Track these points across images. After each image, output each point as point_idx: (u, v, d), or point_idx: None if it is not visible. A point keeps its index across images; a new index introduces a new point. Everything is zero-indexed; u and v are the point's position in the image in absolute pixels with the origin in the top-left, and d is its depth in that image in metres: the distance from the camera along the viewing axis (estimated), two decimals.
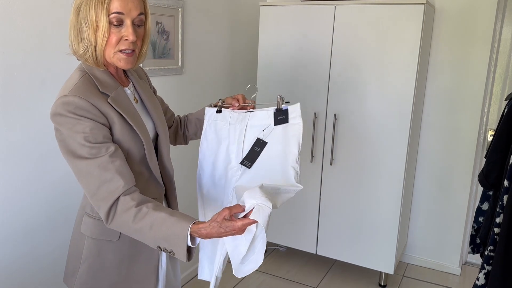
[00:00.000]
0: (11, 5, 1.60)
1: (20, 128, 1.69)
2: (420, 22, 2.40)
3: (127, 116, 1.18)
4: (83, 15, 1.13)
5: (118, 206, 1.10)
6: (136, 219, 1.09)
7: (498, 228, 1.71)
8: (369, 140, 2.64)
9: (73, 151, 1.11)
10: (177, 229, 1.06)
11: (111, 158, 1.11)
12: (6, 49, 1.61)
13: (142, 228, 1.09)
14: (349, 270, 3.06)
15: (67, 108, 1.10)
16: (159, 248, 1.10)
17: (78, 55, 1.18)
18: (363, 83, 2.60)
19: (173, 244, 1.07)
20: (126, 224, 1.10)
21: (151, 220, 1.08)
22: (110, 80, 1.21)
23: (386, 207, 2.66)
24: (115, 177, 1.11)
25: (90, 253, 1.28)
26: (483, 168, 1.90)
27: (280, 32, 2.79)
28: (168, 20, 2.37)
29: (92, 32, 1.13)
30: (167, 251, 1.09)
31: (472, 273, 3.09)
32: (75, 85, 1.13)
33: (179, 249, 1.07)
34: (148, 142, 1.24)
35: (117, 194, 1.10)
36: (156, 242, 1.09)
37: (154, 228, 1.07)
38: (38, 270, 1.84)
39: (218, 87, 2.91)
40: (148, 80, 1.47)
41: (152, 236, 1.08)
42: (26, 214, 1.76)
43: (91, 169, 1.10)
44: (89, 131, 1.10)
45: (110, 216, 1.11)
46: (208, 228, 1.05)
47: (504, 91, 2.88)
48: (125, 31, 1.16)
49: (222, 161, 1.50)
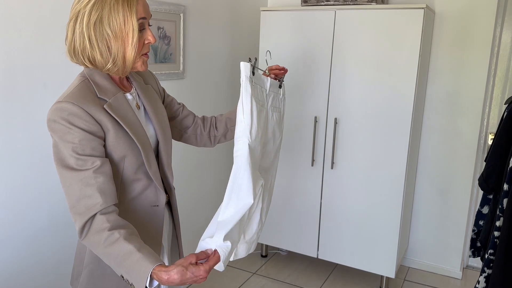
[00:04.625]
0: (14, 9, 1.62)
1: (22, 131, 1.70)
2: (420, 26, 2.41)
3: (123, 123, 1.16)
4: (108, 26, 1.11)
5: (93, 224, 1.09)
6: (106, 243, 1.07)
7: (498, 232, 1.71)
8: (370, 144, 2.65)
9: (61, 159, 1.11)
10: (140, 267, 1.04)
11: (94, 174, 1.10)
12: (8, 53, 1.62)
13: (110, 255, 1.07)
14: (350, 274, 3.06)
15: (60, 114, 1.09)
16: (122, 277, 1.09)
17: (105, 70, 1.16)
18: (363, 87, 2.61)
19: (134, 279, 1.05)
20: (96, 245, 1.09)
21: (118, 250, 1.06)
22: (110, 85, 1.20)
23: (387, 210, 2.66)
24: (95, 194, 1.09)
25: (92, 259, 1.28)
26: (483, 172, 1.90)
27: (280, 36, 2.80)
28: (170, 25, 2.38)
29: (121, 42, 1.12)
30: (129, 283, 1.08)
31: (473, 276, 3.08)
32: (72, 92, 1.13)
33: (139, 285, 1.05)
34: (146, 149, 1.22)
35: (94, 211, 1.09)
36: (119, 271, 1.08)
37: (119, 259, 1.06)
38: (40, 273, 1.85)
39: (219, 91, 2.93)
40: (157, 82, 1.45)
41: (116, 264, 1.07)
42: (29, 217, 1.77)
43: (73, 181, 1.09)
44: (77, 142, 1.09)
45: (84, 232, 1.10)
46: (171, 273, 1.01)
47: (504, 95, 2.89)
48: (146, 34, 1.17)
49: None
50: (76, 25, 1.12)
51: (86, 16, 1.10)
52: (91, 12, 1.09)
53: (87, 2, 1.09)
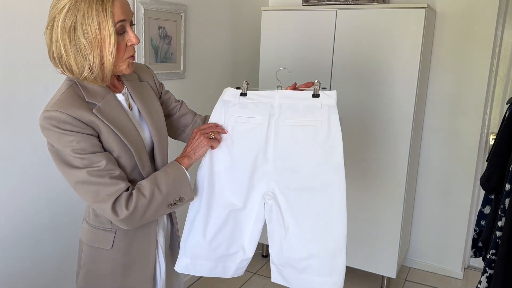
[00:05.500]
0: (14, 10, 1.61)
1: (23, 132, 1.70)
2: (421, 26, 2.41)
3: (114, 127, 1.14)
4: (82, 33, 1.05)
5: (122, 199, 1.12)
6: (142, 193, 1.15)
7: (500, 232, 1.71)
8: (370, 144, 2.64)
9: (67, 162, 1.10)
10: (175, 170, 1.22)
11: (105, 167, 1.11)
12: (9, 54, 1.62)
13: (154, 194, 1.16)
14: (351, 274, 3.05)
15: (50, 122, 1.08)
16: (171, 204, 1.20)
17: (82, 78, 1.11)
18: (364, 87, 2.60)
19: (178, 188, 1.21)
20: (140, 204, 1.13)
21: (151, 186, 1.16)
22: (99, 88, 1.16)
23: (388, 211, 2.66)
24: (113, 181, 1.11)
25: (87, 259, 1.28)
26: (484, 172, 1.90)
27: (281, 36, 2.80)
28: (170, 25, 2.38)
29: (97, 49, 1.08)
30: (177, 200, 1.21)
31: (474, 277, 3.08)
32: (59, 98, 1.10)
33: (185, 188, 1.22)
34: (138, 151, 1.20)
35: (117, 194, 1.11)
36: (167, 200, 1.19)
37: (160, 187, 1.17)
38: (41, 273, 1.84)
39: (220, 91, 2.91)
40: (154, 77, 1.40)
41: (165, 193, 1.17)
42: (29, 217, 1.77)
43: (87, 177, 1.09)
44: (76, 144, 1.08)
45: (118, 210, 1.11)
46: (187, 146, 1.29)
47: (505, 95, 2.88)
48: (128, 36, 1.13)
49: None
50: (53, 31, 1.07)
51: (60, 23, 1.05)
52: (65, 19, 1.04)
53: (62, 9, 1.05)
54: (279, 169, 1.31)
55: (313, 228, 1.30)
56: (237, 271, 1.42)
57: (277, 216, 1.33)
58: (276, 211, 1.33)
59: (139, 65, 1.38)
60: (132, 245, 1.27)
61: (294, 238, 1.32)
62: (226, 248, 1.38)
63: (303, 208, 1.31)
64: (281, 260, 1.37)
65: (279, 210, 1.32)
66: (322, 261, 1.31)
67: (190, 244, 1.37)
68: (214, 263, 1.39)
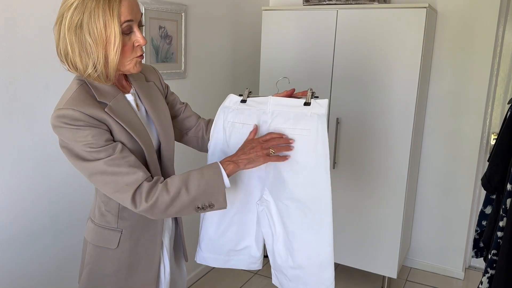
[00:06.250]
0: (15, 10, 1.61)
1: (24, 132, 1.70)
2: (422, 26, 2.40)
3: (126, 125, 1.15)
4: (87, 31, 1.06)
5: (143, 190, 1.10)
6: (167, 189, 1.12)
7: (501, 232, 1.71)
8: (371, 144, 2.64)
9: (81, 156, 1.10)
10: (212, 173, 1.15)
11: (121, 154, 1.11)
12: (10, 54, 1.62)
13: (179, 194, 1.11)
14: (352, 274, 3.05)
15: (63, 120, 1.08)
16: (198, 208, 1.14)
17: (85, 75, 1.12)
18: (365, 87, 2.60)
19: (211, 194, 1.14)
20: (161, 200, 1.11)
21: (180, 185, 1.12)
22: (109, 87, 1.17)
23: (389, 211, 2.65)
24: (131, 170, 1.10)
25: (91, 259, 1.28)
26: (486, 172, 1.89)
27: (282, 36, 2.80)
28: (171, 25, 2.38)
29: (102, 47, 1.08)
30: (206, 206, 1.14)
31: (475, 277, 3.08)
32: (70, 97, 1.10)
33: (217, 195, 1.15)
34: (149, 150, 1.20)
35: (138, 183, 1.10)
36: (194, 203, 1.13)
37: (189, 188, 1.12)
38: (41, 273, 1.84)
39: (220, 91, 2.92)
40: (161, 79, 1.41)
41: (193, 196, 1.12)
42: (30, 216, 1.77)
43: (105, 167, 1.09)
44: (91, 138, 1.08)
45: (137, 201, 1.10)
46: (241, 152, 1.21)
47: (506, 95, 2.88)
48: (135, 37, 1.13)
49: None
50: (61, 28, 1.08)
51: (68, 19, 1.06)
52: (72, 16, 1.05)
53: (70, 6, 1.05)
54: (272, 176, 1.33)
55: (301, 239, 1.32)
56: (251, 265, 1.46)
57: (269, 223, 1.36)
58: (268, 217, 1.36)
59: (145, 66, 1.38)
60: (137, 246, 1.27)
61: (282, 246, 1.35)
62: (234, 245, 1.44)
63: (291, 218, 1.32)
64: (274, 265, 1.41)
65: (270, 216, 1.35)
66: (308, 272, 1.33)
67: (203, 239, 1.46)
68: (226, 257, 1.46)
